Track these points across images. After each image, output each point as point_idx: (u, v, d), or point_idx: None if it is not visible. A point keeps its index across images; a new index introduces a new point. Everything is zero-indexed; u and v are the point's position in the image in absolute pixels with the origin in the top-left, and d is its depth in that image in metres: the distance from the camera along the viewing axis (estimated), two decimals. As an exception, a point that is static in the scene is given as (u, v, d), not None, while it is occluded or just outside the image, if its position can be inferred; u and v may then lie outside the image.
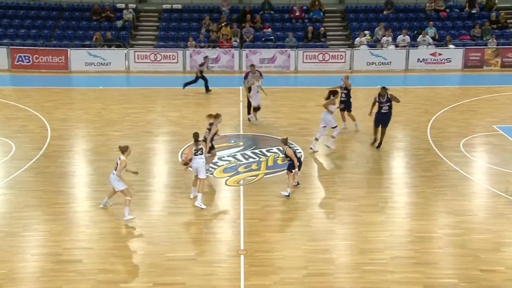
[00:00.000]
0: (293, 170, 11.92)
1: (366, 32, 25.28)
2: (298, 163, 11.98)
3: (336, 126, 14.48)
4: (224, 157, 14.42)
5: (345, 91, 15.89)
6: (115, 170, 10.83)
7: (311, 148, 14.59)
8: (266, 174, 13.39)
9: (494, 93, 15.78)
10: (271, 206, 11.77)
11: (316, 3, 27.05)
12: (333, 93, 14.63)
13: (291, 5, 27.50)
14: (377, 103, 14.63)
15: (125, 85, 22.56)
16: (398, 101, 14.73)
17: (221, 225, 11.12)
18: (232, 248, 10.16)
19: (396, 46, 24.57)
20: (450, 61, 23.71)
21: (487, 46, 23.99)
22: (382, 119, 14.55)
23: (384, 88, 14.47)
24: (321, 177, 13.43)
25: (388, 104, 14.47)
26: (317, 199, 12.27)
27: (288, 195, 11.93)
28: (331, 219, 11.32)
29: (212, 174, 13.34)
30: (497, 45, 23.93)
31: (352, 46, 24.94)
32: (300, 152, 14.65)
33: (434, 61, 23.88)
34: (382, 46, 24.57)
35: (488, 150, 14.86)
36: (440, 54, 23.84)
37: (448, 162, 13.92)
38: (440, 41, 24.62)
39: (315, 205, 11.98)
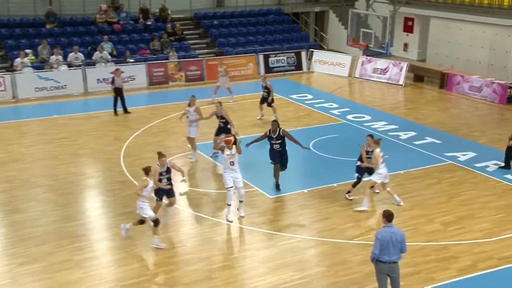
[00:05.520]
0: None
1: (28, 51, 24.27)
2: None
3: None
4: None
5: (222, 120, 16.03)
6: None
7: None
8: None
9: (182, 110, 16.90)
10: None
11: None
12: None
13: None
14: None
15: None
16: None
17: None
18: None
19: (69, 66, 24.22)
20: (134, 78, 24.57)
21: (169, 60, 25.82)
22: None
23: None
24: (-7, 241, 12.07)
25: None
26: (-10, 270, 10.91)
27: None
28: (13, 292, 10.20)
29: None
30: (179, 58, 26.00)
31: (12, 69, 23.49)
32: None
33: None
34: (51, 67, 23.86)
35: (184, 172, 15.75)
36: (122, 72, 24.45)
37: (148, 193, 14.23)
38: (119, 57, 25.33)
39: (-13, 279, 10.61)
